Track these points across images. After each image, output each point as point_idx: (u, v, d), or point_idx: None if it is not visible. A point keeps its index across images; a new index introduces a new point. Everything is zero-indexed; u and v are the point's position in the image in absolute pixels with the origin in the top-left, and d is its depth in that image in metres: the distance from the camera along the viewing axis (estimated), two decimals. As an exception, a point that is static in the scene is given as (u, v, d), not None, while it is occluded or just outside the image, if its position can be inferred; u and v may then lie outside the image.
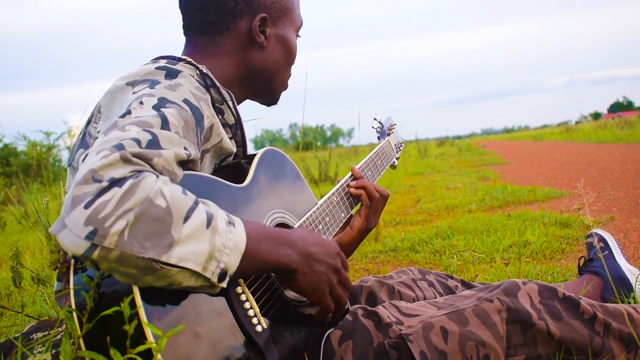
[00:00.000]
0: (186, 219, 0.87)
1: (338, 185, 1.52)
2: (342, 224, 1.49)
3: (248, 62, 1.36)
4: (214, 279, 0.90)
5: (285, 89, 1.49)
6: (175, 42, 1.40)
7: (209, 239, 0.89)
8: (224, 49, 1.34)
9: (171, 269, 0.85)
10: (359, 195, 1.53)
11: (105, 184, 0.82)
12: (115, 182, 0.83)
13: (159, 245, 0.83)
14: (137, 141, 0.91)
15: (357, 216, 1.54)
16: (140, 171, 0.86)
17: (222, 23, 1.32)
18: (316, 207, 1.41)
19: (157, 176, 0.87)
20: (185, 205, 0.87)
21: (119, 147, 0.88)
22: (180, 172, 0.97)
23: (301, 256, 1.07)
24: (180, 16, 1.38)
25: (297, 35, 1.46)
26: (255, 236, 0.98)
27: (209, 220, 0.90)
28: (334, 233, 1.47)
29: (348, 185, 1.55)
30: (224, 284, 0.92)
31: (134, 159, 0.87)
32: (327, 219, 1.43)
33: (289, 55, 1.42)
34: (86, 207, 0.81)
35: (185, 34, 1.38)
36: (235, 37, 1.34)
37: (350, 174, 1.58)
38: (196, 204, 0.90)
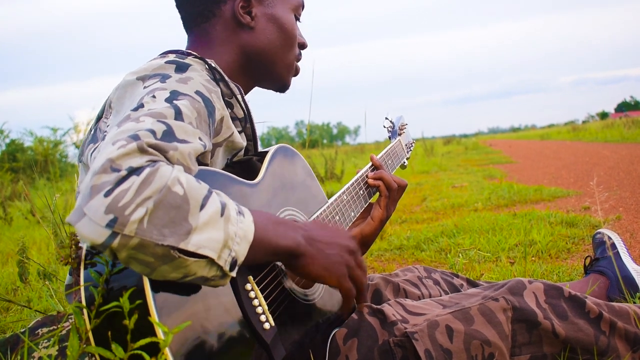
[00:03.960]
0: (202, 206, 0.87)
1: (348, 184, 1.52)
2: (352, 222, 1.49)
3: (242, 47, 1.36)
4: (226, 268, 0.91)
5: (297, 74, 1.49)
6: (182, 38, 1.40)
7: (224, 227, 0.90)
8: (216, 37, 1.34)
9: (188, 259, 0.86)
10: (377, 185, 1.56)
11: (123, 172, 0.83)
12: (134, 171, 0.84)
13: (177, 233, 0.84)
14: (152, 132, 0.91)
15: (376, 206, 1.56)
16: (156, 161, 0.87)
17: (208, 11, 1.34)
18: (326, 205, 1.41)
19: (172, 166, 0.88)
20: (200, 193, 0.88)
21: (135, 137, 0.88)
22: (195, 168, 0.98)
23: (307, 239, 1.07)
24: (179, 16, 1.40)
25: (297, 17, 1.45)
26: (263, 225, 0.99)
27: (223, 209, 0.91)
28: (347, 228, 1.47)
29: (367, 177, 1.56)
30: (234, 273, 0.93)
31: (150, 150, 0.88)
32: (337, 217, 1.43)
33: (285, 34, 1.40)
34: (106, 195, 0.81)
35: (185, 31, 1.39)
36: (222, 22, 1.35)
37: (367, 166, 1.61)
38: (210, 192, 0.91)
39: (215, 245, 0.88)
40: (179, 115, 0.99)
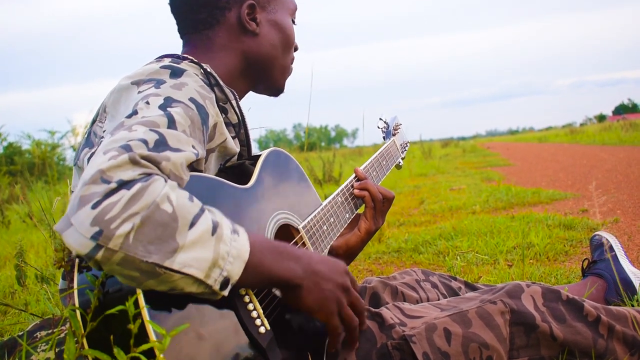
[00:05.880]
0: (192, 225, 0.87)
1: (342, 186, 1.52)
2: (346, 224, 1.49)
3: (245, 52, 1.36)
4: (216, 287, 0.90)
5: (290, 74, 1.49)
6: (180, 41, 1.40)
7: (214, 246, 0.89)
8: (218, 43, 1.34)
9: (174, 275, 0.86)
10: (363, 196, 1.53)
11: (113, 185, 0.83)
12: (124, 185, 0.83)
13: (163, 250, 0.84)
14: (145, 142, 0.91)
15: (363, 218, 1.53)
16: (149, 174, 0.87)
17: (212, 18, 1.34)
18: (321, 207, 1.41)
19: (165, 180, 0.88)
20: (191, 212, 0.88)
21: (127, 148, 0.88)
22: (187, 177, 0.98)
23: (306, 272, 1.06)
24: (174, 21, 1.39)
25: (293, 21, 1.46)
26: (260, 247, 0.98)
27: (215, 228, 0.90)
28: (339, 234, 1.47)
29: (352, 186, 1.55)
30: (226, 292, 0.93)
31: (143, 161, 0.87)
32: (332, 219, 1.43)
33: (285, 38, 1.41)
34: (93, 207, 0.81)
35: (181, 36, 1.39)
36: (226, 29, 1.35)
37: (354, 174, 1.58)
38: (202, 211, 0.90)
39: (202, 265, 0.88)
40: (172, 123, 0.99)
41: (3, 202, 6.88)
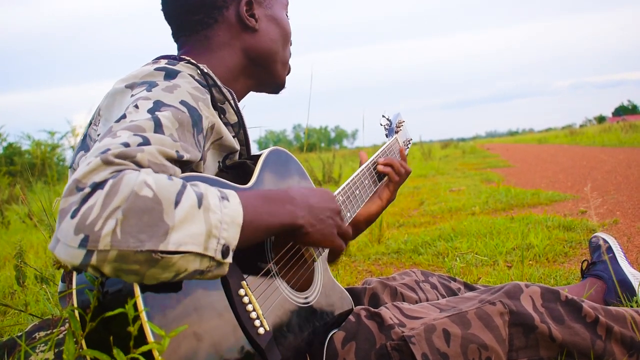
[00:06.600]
0: (176, 203, 0.86)
1: (358, 171, 1.59)
2: (372, 193, 1.63)
3: (245, 49, 1.36)
4: (218, 256, 0.89)
5: (289, 72, 1.50)
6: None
7: (203, 218, 0.88)
8: (218, 42, 1.34)
9: (172, 257, 0.84)
10: (387, 172, 1.66)
11: (87, 190, 0.82)
12: (97, 186, 0.83)
13: (155, 235, 0.83)
14: (126, 145, 0.90)
15: (385, 189, 1.68)
16: (120, 170, 0.86)
17: (209, 17, 1.33)
18: (349, 180, 1.51)
19: (139, 170, 0.87)
20: (172, 190, 0.86)
21: (105, 152, 0.87)
22: (171, 165, 0.97)
23: (305, 210, 1.09)
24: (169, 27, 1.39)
25: (286, 14, 1.47)
26: (253, 204, 0.99)
27: (200, 200, 0.89)
28: (368, 199, 1.62)
29: (374, 164, 1.67)
30: (229, 259, 0.92)
31: (116, 160, 0.87)
32: (358, 191, 1.54)
33: (283, 32, 1.42)
34: (72, 216, 0.81)
35: (175, 40, 1.39)
36: (225, 27, 1.34)
37: (375, 155, 1.71)
38: (184, 187, 0.88)
39: (198, 239, 0.87)
40: (158, 127, 0.98)
41: (3, 202, 6.89)
